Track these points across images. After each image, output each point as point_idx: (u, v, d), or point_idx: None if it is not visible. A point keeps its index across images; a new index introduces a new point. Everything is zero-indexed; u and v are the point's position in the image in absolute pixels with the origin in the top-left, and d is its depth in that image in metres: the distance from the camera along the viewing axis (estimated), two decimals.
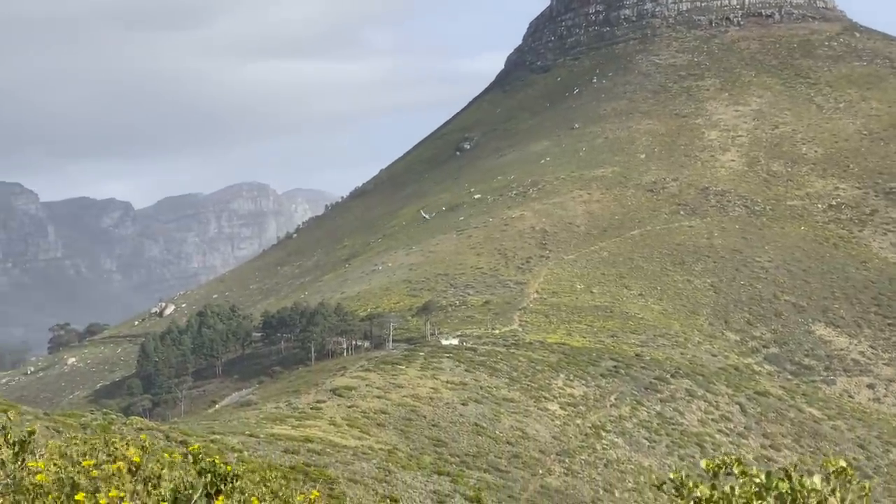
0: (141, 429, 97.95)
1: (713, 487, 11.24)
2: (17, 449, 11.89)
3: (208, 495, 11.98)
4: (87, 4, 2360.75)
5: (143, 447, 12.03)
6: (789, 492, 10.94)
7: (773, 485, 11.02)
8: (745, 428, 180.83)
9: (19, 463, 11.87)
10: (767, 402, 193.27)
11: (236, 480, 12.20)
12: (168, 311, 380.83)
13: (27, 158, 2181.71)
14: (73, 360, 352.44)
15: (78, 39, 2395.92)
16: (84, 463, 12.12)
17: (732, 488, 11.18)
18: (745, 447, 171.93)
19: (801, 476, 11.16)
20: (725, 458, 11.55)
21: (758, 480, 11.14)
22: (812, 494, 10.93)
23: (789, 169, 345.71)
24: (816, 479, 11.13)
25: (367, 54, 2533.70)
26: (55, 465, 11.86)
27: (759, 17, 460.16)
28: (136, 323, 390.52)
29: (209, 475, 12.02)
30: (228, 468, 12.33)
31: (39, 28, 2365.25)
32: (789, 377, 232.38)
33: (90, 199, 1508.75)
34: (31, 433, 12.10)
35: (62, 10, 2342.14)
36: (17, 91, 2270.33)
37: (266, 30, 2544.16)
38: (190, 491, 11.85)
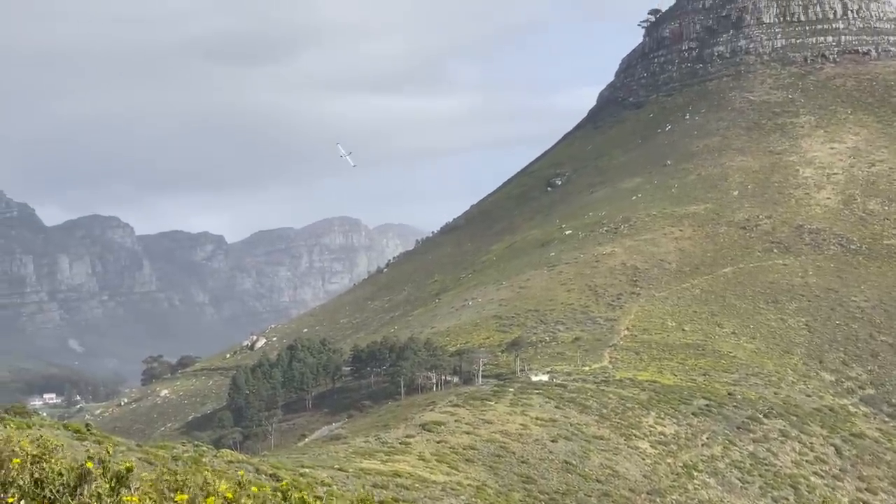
0: (231, 461, 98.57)
1: None
2: (113, 483, 11.90)
3: None
4: (176, 39, 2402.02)
5: (239, 483, 11.98)
6: None
7: None
8: (840, 470, 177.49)
9: (116, 497, 11.88)
10: (863, 445, 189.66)
11: None
12: (259, 345, 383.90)
13: (122, 192, 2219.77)
14: (166, 391, 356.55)
15: (168, 74, 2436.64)
16: (177, 498, 12.10)
17: None
18: (841, 490, 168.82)
19: None
20: (821, 500, 11.25)
21: None
22: None
23: (886, 207, 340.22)
24: None
25: (454, 89, 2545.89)
26: (150, 499, 11.85)
27: (855, 54, 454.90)
28: (228, 356, 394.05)
29: None
30: (318, 503, 12.24)
31: (130, 62, 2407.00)
32: (886, 419, 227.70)
33: (184, 233, 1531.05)
34: (129, 469, 12.10)
35: (152, 44, 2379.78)
36: (110, 124, 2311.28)
37: (352, 65, 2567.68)
38: None
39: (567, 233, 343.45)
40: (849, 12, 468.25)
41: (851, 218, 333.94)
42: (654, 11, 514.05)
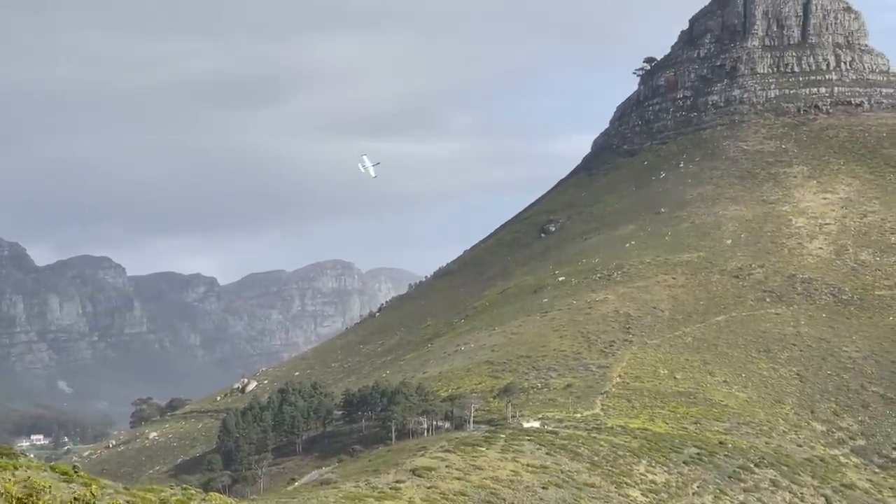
0: None
1: None
2: None
3: None
4: (170, 81, 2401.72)
5: None
6: None
7: None
8: None
9: None
10: (854, 496, 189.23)
11: None
12: (250, 387, 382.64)
13: (114, 232, 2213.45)
14: (155, 434, 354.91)
15: (161, 115, 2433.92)
16: None
17: None
18: None
19: None
20: None
21: None
22: None
23: (878, 258, 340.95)
24: None
25: (448, 134, 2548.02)
26: None
27: (847, 106, 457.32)
28: (218, 398, 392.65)
29: None
30: None
31: (123, 103, 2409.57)
32: (876, 470, 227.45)
33: (176, 274, 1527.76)
34: None
35: (146, 86, 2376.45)
36: (102, 165, 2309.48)
37: (346, 108, 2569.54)
38: None
39: (560, 279, 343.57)
40: (842, 64, 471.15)
41: (843, 268, 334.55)
42: (649, 60, 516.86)
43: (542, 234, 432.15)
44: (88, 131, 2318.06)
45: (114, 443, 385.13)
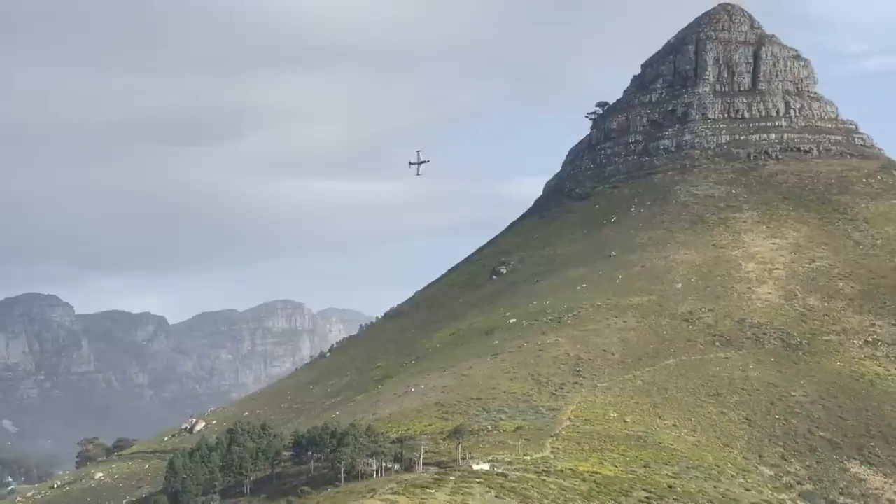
0: None
1: None
2: None
3: None
4: (115, 118, 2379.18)
5: None
6: None
7: None
8: None
9: None
10: None
11: None
12: (198, 428, 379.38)
13: (62, 271, 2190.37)
14: (101, 475, 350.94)
15: (106, 152, 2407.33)
16: None
17: None
18: None
19: None
20: None
21: None
22: None
23: (826, 304, 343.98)
24: None
25: (398, 174, 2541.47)
26: None
27: (797, 152, 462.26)
28: (166, 439, 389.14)
29: None
30: None
31: (63, 140, 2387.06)
32: None
33: (124, 313, 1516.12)
34: None
35: (90, 123, 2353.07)
36: (46, 201, 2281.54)
37: (295, 148, 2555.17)
38: None
39: (511, 321, 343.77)
40: (791, 111, 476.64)
41: (792, 313, 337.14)
42: (601, 104, 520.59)
43: (494, 276, 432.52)
44: (32, 167, 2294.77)
45: (59, 483, 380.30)
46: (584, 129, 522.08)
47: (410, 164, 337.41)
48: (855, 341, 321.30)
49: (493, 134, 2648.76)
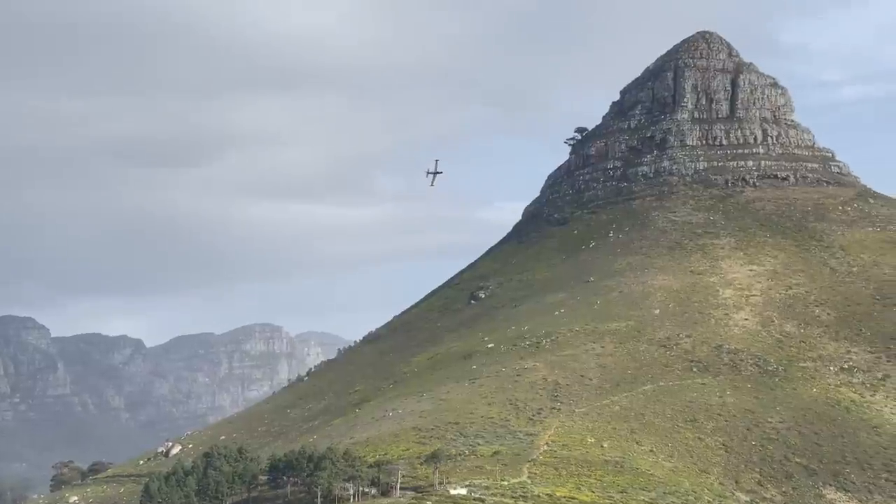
0: None
1: None
2: None
3: None
4: (88, 139, 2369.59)
5: None
6: None
7: None
8: None
9: None
10: None
11: None
12: (174, 451, 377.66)
13: (38, 293, 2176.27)
14: (75, 498, 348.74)
15: (81, 174, 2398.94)
16: None
17: None
18: None
19: None
20: None
21: None
22: None
23: (802, 330, 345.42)
24: None
25: (376, 198, 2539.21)
26: None
27: (774, 179, 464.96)
28: (142, 462, 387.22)
29: None
30: None
31: (42, 161, 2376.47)
32: None
33: (101, 336, 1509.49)
34: None
35: (65, 143, 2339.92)
36: (22, 223, 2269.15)
37: (272, 171, 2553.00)
38: None
39: (489, 346, 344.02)
40: (768, 138, 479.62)
41: (769, 339, 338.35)
42: (580, 129, 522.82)
43: (473, 301, 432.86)
44: (8, 189, 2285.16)
45: None
46: (562, 154, 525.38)
47: (427, 173, 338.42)
48: (831, 368, 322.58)
49: (471, 158, 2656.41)
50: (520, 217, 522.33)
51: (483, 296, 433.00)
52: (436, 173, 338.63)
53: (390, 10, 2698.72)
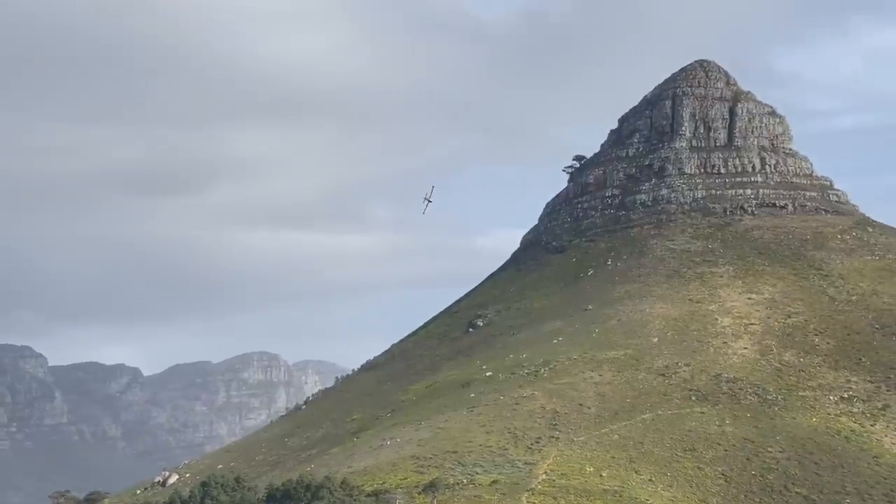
0: None
1: None
2: None
3: None
4: (83, 167, 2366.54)
5: None
6: None
7: None
8: None
9: None
10: None
11: None
12: (171, 481, 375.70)
13: (35, 322, 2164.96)
14: None
15: (75, 201, 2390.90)
16: None
17: None
18: None
19: None
20: None
21: None
22: None
23: (802, 359, 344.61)
24: None
25: (372, 226, 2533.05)
26: None
27: (772, 208, 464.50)
28: (139, 492, 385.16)
29: None
30: None
31: (35, 190, 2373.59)
32: None
33: (98, 364, 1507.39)
34: None
35: (59, 171, 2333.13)
36: (17, 251, 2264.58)
37: (265, 199, 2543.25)
38: None
39: (488, 374, 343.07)
40: (767, 166, 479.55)
41: (768, 368, 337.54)
42: (578, 157, 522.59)
43: (471, 329, 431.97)
44: (3, 217, 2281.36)
45: None
46: (560, 182, 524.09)
47: (425, 199, 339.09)
48: (830, 397, 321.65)
49: (468, 186, 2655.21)
50: (518, 245, 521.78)
51: (481, 324, 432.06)
52: (429, 201, 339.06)
53: (386, 38, 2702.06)
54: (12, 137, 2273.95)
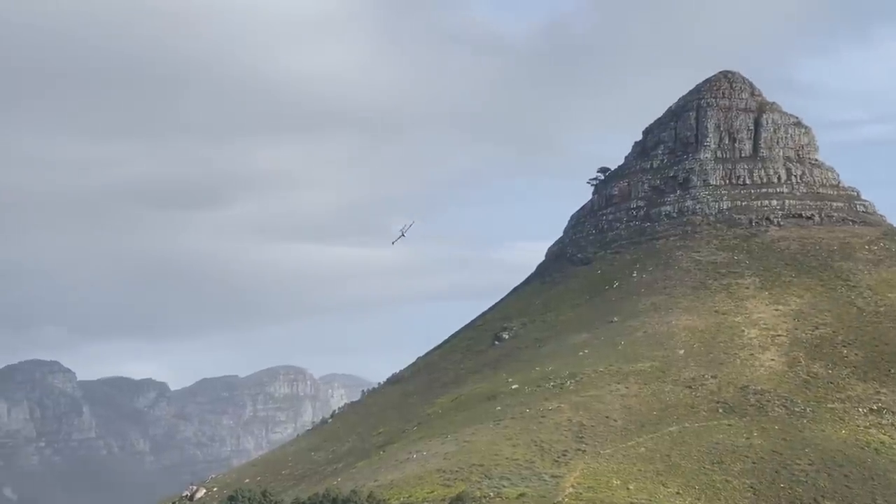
0: None
1: None
2: None
3: None
4: (108, 182, 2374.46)
5: None
6: None
7: None
8: None
9: None
10: None
11: None
12: (199, 495, 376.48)
13: (63, 336, 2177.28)
14: None
15: (100, 216, 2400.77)
16: None
17: None
18: None
19: None
20: None
21: None
22: None
23: (830, 371, 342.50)
24: None
25: (391, 240, 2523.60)
26: None
27: (799, 219, 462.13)
28: None
29: None
30: None
31: (60, 205, 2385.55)
32: None
33: (126, 379, 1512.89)
34: None
35: (85, 187, 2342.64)
36: (44, 267, 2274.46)
37: (288, 213, 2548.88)
38: None
39: (514, 387, 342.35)
40: (793, 177, 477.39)
41: (796, 380, 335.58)
42: (602, 170, 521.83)
43: (496, 342, 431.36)
44: (28, 233, 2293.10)
45: None
46: (584, 194, 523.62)
47: (401, 231, 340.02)
48: (860, 409, 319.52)
49: (491, 199, 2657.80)
50: (543, 257, 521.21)
51: (507, 336, 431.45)
52: (403, 234, 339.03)
53: (408, 52, 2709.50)
54: (35, 153, 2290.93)
